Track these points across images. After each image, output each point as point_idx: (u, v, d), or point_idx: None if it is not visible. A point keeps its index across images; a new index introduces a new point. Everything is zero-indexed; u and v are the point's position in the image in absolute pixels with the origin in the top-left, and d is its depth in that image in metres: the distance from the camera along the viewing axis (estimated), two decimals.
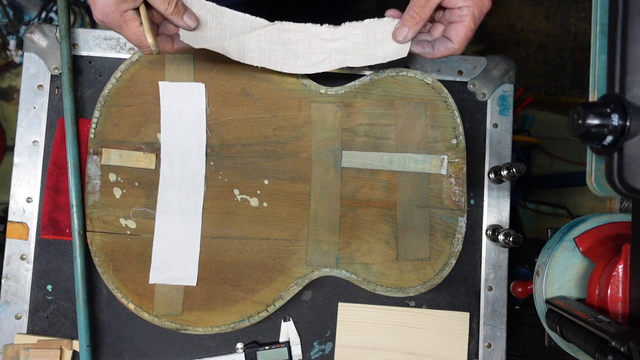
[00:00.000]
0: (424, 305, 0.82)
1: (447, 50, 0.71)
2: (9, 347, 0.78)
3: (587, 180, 0.52)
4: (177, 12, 0.68)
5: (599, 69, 0.51)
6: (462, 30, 0.69)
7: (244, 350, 0.80)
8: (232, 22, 0.73)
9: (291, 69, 0.77)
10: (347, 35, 0.75)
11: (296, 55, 0.77)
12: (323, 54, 0.76)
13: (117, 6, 0.65)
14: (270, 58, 0.76)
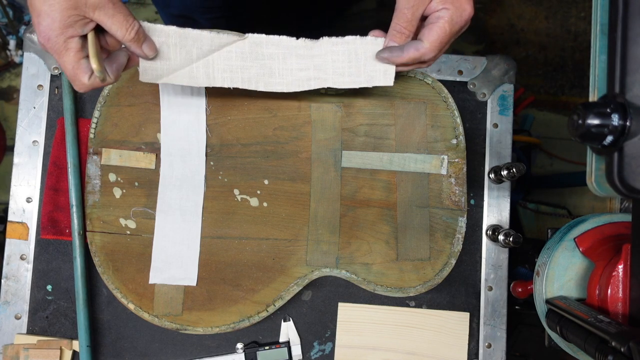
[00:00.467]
0: (424, 305, 0.82)
1: (417, 51, 0.63)
2: (8, 347, 0.78)
3: (587, 180, 0.52)
4: (137, 39, 0.62)
5: (599, 69, 0.51)
6: (436, 32, 0.62)
7: (244, 350, 0.80)
8: (198, 42, 0.67)
9: (267, 87, 0.71)
10: (326, 52, 0.69)
11: (271, 71, 0.70)
12: (301, 70, 0.70)
13: (63, 30, 0.58)
14: (243, 76, 0.70)
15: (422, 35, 0.63)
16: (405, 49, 0.64)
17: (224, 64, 0.69)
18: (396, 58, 0.65)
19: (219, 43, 0.68)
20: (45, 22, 0.57)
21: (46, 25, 0.57)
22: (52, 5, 0.57)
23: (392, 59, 0.66)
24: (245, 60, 0.70)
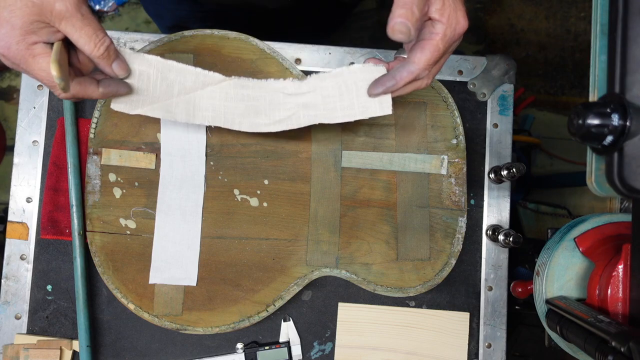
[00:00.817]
0: (424, 305, 0.82)
1: (411, 73, 0.59)
2: (8, 347, 0.78)
3: (587, 180, 0.52)
4: (107, 56, 0.57)
5: (599, 69, 0.51)
6: (429, 49, 0.57)
7: (244, 350, 0.80)
8: (181, 77, 0.64)
9: (252, 127, 0.67)
10: (314, 88, 0.65)
11: (257, 111, 0.67)
12: (289, 109, 0.66)
13: (24, 37, 0.53)
14: (227, 116, 0.67)
15: (414, 54, 0.58)
16: (397, 75, 0.60)
17: (207, 102, 0.66)
18: (392, 87, 0.61)
19: (203, 81, 0.65)
20: (4, 30, 0.52)
21: (5, 32, 0.53)
22: (13, 12, 0.52)
23: (387, 91, 0.62)
24: (229, 100, 0.67)
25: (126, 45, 0.83)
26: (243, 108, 0.67)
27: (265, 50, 0.80)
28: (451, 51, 0.60)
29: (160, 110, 0.65)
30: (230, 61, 0.80)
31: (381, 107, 0.63)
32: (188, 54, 0.80)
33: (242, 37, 0.80)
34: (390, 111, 0.63)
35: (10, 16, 0.52)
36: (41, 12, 0.53)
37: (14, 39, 0.53)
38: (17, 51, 0.54)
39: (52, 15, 0.53)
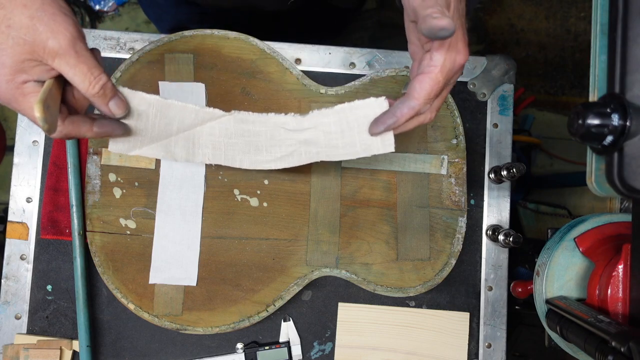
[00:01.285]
0: (424, 305, 0.82)
1: (411, 109, 0.56)
2: (8, 347, 0.78)
3: (587, 180, 0.52)
4: (103, 94, 0.54)
5: (599, 69, 0.51)
6: (428, 83, 0.55)
7: (244, 350, 0.80)
8: (180, 114, 0.62)
9: (253, 165, 0.67)
10: (316, 124, 0.63)
11: (257, 148, 0.66)
12: (290, 146, 0.65)
13: (14, 76, 0.51)
14: (227, 153, 0.66)
15: (413, 89, 0.56)
16: (398, 112, 0.57)
17: (207, 139, 0.65)
18: (393, 125, 0.58)
19: (203, 118, 0.64)
20: None
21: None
22: (3, 50, 0.49)
23: (389, 128, 0.59)
24: (229, 137, 0.65)
25: (126, 45, 0.83)
26: (243, 144, 0.66)
27: (265, 50, 0.80)
28: (453, 82, 0.58)
29: (159, 149, 0.63)
30: (230, 61, 0.80)
31: (383, 145, 0.61)
32: (188, 54, 0.80)
33: (242, 37, 0.80)
34: (393, 149, 0.61)
35: (0, 55, 0.50)
36: (33, 50, 0.50)
37: (3, 78, 0.50)
38: (7, 90, 0.51)
39: (45, 53, 0.51)
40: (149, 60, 0.79)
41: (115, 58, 0.83)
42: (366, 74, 0.82)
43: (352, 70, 0.84)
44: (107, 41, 0.83)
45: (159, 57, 0.79)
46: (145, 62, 0.79)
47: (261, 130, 0.65)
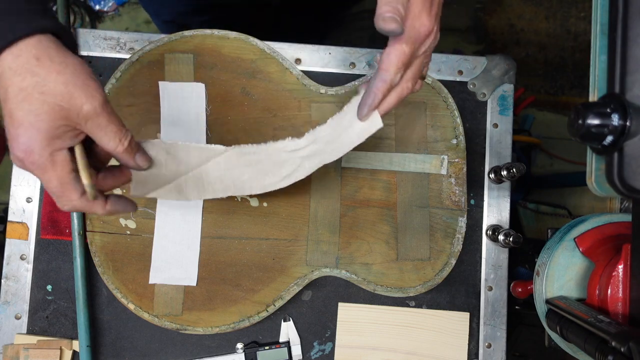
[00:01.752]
0: (424, 305, 0.82)
1: (382, 82, 0.57)
2: (8, 347, 0.78)
3: (587, 180, 0.52)
4: (130, 150, 0.55)
5: (599, 69, 0.51)
6: (394, 54, 0.56)
7: (244, 350, 0.80)
8: (185, 154, 0.64)
9: (263, 189, 0.68)
10: (314, 139, 0.66)
11: (264, 173, 0.67)
12: (292, 164, 0.67)
13: (49, 142, 0.50)
14: (236, 184, 0.67)
15: (382, 63, 0.57)
16: (373, 87, 0.58)
17: (214, 175, 0.66)
18: (374, 102, 0.59)
19: (207, 155, 0.65)
20: (28, 134, 0.49)
21: (29, 137, 0.50)
22: (39, 115, 0.49)
23: (372, 107, 0.60)
24: (235, 169, 0.67)
25: (126, 45, 0.83)
26: (250, 173, 0.67)
27: (265, 50, 0.80)
28: (425, 52, 0.59)
29: (172, 192, 0.65)
30: (230, 61, 0.80)
31: (373, 124, 0.63)
32: (188, 54, 0.80)
33: (242, 37, 0.80)
34: (381, 123, 0.62)
35: (36, 120, 0.49)
36: (68, 115, 0.50)
37: (38, 145, 0.50)
38: (39, 157, 0.51)
39: (80, 117, 0.51)
40: (149, 60, 0.79)
41: (115, 58, 0.83)
42: (366, 74, 0.82)
43: (352, 70, 0.84)
44: (107, 41, 0.83)
45: (159, 57, 0.79)
46: (145, 62, 0.79)
47: (263, 157, 0.67)
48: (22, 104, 0.49)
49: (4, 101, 0.50)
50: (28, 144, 0.50)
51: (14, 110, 0.49)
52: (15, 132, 0.50)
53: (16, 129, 0.50)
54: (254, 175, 0.67)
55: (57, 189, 0.53)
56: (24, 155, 0.50)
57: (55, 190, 0.53)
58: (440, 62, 0.85)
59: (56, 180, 0.52)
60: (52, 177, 0.52)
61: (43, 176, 0.52)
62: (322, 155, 0.66)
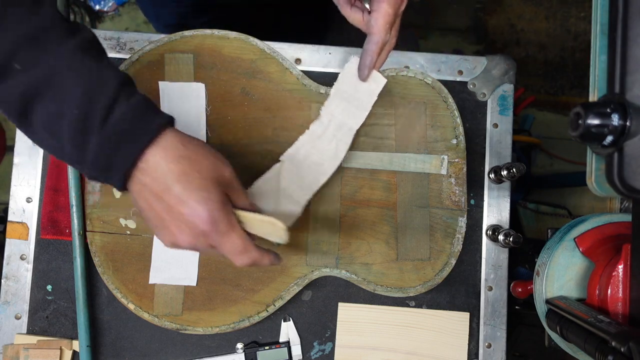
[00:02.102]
0: (424, 305, 0.82)
1: (376, 44, 0.68)
2: (8, 347, 0.78)
3: (587, 180, 0.52)
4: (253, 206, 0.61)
5: (599, 69, 0.51)
6: (381, 19, 0.66)
7: (244, 350, 0.80)
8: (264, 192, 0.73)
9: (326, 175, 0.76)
10: (331, 114, 0.76)
11: (317, 164, 0.75)
12: (332, 141, 0.76)
13: (224, 209, 0.55)
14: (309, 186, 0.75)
15: (371, 27, 0.67)
16: (369, 50, 0.69)
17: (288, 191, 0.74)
18: (372, 62, 0.71)
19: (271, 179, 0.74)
20: (208, 207, 0.54)
21: (210, 209, 0.54)
22: (208, 190, 0.54)
23: (371, 67, 0.71)
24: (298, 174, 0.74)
25: (126, 45, 0.83)
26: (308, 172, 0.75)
27: (265, 50, 0.80)
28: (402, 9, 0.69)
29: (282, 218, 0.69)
30: (230, 61, 0.80)
31: (377, 84, 0.74)
32: (188, 54, 0.80)
33: (242, 37, 0.80)
34: (384, 79, 0.74)
35: (208, 194, 0.54)
36: (221, 182, 0.56)
37: (219, 213, 0.54)
38: (224, 224, 0.55)
39: (224, 183, 0.57)
40: (149, 60, 0.79)
41: (115, 58, 0.83)
42: None
43: None
44: (107, 41, 0.83)
45: (159, 57, 0.79)
46: (145, 62, 0.79)
47: (306, 152, 0.76)
48: (189, 185, 0.54)
49: (166, 191, 0.53)
50: (212, 215, 0.54)
51: (184, 194, 0.53)
52: (193, 212, 0.53)
53: (193, 209, 0.53)
54: (312, 172, 0.75)
55: (240, 246, 0.57)
56: (210, 227, 0.54)
57: (239, 249, 0.57)
58: (440, 62, 0.85)
59: (239, 239, 0.56)
60: (235, 238, 0.56)
61: (228, 240, 0.56)
62: (347, 124, 0.76)
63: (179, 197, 0.53)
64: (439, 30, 1.76)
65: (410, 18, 1.74)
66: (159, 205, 0.54)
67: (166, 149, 0.53)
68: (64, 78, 0.50)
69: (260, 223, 0.60)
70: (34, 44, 0.50)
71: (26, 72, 0.50)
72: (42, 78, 0.50)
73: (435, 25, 1.76)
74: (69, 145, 0.52)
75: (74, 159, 0.53)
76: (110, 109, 0.51)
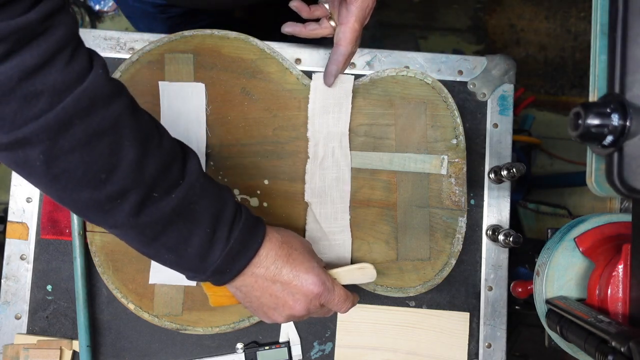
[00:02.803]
0: (424, 305, 0.82)
1: (343, 55, 0.74)
2: (8, 347, 0.78)
3: (587, 180, 0.52)
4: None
5: (599, 69, 0.51)
6: (349, 33, 0.72)
7: (244, 350, 0.80)
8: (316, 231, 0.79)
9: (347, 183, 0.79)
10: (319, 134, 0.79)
11: (335, 180, 0.79)
12: (333, 154, 0.79)
13: (323, 269, 0.66)
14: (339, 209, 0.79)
15: (339, 40, 0.73)
16: (335, 61, 0.75)
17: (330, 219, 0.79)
18: (338, 71, 0.77)
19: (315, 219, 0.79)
20: (313, 273, 0.64)
21: (316, 273, 0.64)
22: (308, 259, 0.65)
23: (337, 74, 0.77)
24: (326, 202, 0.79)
25: (126, 45, 0.83)
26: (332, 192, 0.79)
27: (265, 50, 0.80)
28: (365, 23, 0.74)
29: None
30: (230, 61, 0.80)
31: (346, 83, 0.80)
32: (188, 54, 0.80)
33: (242, 37, 0.80)
34: (351, 76, 0.79)
35: (312, 266, 0.65)
36: None
37: (322, 275, 0.65)
38: (328, 281, 0.66)
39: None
40: (149, 60, 0.79)
41: (115, 58, 0.83)
42: (366, 74, 0.82)
43: (352, 70, 0.84)
44: (107, 41, 0.83)
45: (159, 57, 0.79)
46: (145, 62, 0.79)
47: (322, 173, 0.79)
48: (295, 263, 0.64)
49: (278, 274, 0.63)
50: (320, 279, 0.64)
51: (293, 271, 0.63)
52: (306, 281, 0.63)
53: (306, 279, 0.63)
54: (335, 184, 0.79)
55: (344, 295, 0.67)
56: (321, 288, 0.64)
57: (342, 299, 0.67)
58: (440, 62, 0.85)
59: (342, 290, 0.67)
60: (339, 290, 0.66)
61: (336, 294, 0.66)
62: (337, 131, 0.79)
63: (291, 274, 0.63)
64: (439, 30, 1.76)
65: (410, 18, 1.74)
66: (274, 288, 0.63)
67: (270, 241, 0.63)
68: (196, 205, 0.57)
69: (350, 273, 0.71)
70: (166, 175, 0.55)
71: (163, 201, 0.55)
72: (179, 205, 0.55)
73: (435, 25, 1.76)
74: (191, 258, 0.59)
75: (192, 269, 0.60)
76: (233, 224, 0.60)
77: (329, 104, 0.79)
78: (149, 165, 0.53)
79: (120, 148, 0.51)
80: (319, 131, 0.79)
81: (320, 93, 0.79)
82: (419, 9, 1.76)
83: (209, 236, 0.58)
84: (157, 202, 0.54)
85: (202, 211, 0.57)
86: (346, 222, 0.79)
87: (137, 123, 0.53)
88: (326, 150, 0.79)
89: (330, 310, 0.68)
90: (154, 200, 0.54)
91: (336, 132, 0.79)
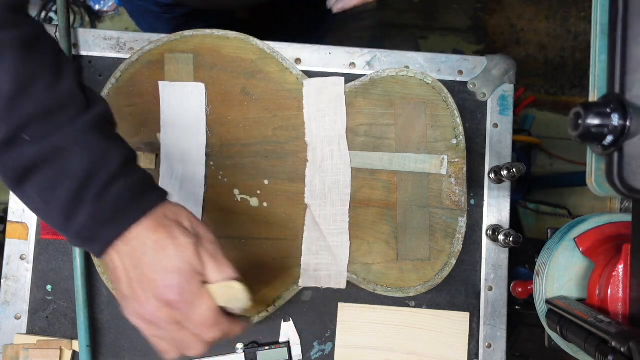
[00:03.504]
0: (424, 305, 0.82)
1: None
2: (8, 347, 0.78)
3: (587, 180, 0.52)
4: None
5: (599, 69, 0.51)
6: None
7: (244, 350, 0.80)
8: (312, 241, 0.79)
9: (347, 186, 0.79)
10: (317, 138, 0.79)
11: (335, 183, 0.79)
12: (332, 157, 0.79)
13: (193, 276, 0.54)
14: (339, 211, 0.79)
15: None
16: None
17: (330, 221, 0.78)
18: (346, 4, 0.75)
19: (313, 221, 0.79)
20: (173, 275, 0.53)
21: (179, 275, 0.53)
22: (180, 257, 0.54)
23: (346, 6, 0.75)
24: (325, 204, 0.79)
25: (126, 45, 0.83)
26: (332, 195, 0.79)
27: (265, 50, 0.80)
28: None
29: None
30: (230, 61, 0.80)
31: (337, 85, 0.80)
32: (188, 53, 0.80)
33: (242, 37, 0.80)
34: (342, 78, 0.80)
35: (177, 260, 0.53)
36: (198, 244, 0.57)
37: (186, 280, 0.53)
38: (189, 291, 0.53)
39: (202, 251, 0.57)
40: (149, 60, 0.79)
41: (115, 58, 0.83)
42: (366, 74, 0.82)
43: (352, 70, 0.84)
44: (107, 41, 0.83)
45: (159, 57, 0.79)
46: (145, 62, 0.79)
47: (321, 177, 0.79)
48: (162, 253, 0.53)
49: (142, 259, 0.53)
50: (179, 281, 0.53)
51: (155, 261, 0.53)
52: (162, 279, 0.53)
53: (163, 276, 0.53)
54: (334, 187, 0.78)
55: (211, 318, 0.54)
56: (177, 296, 0.53)
57: (208, 320, 0.54)
58: (440, 62, 0.85)
59: (209, 310, 0.54)
60: (205, 308, 0.54)
61: (197, 310, 0.54)
62: (335, 134, 0.79)
63: (151, 265, 0.53)
64: (439, 30, 1.76)
65: (410, 18, 1.74)
66: (133, 273, 0.53)
67: (149, 219, 0.54)
68: (70, 155, 0.51)
69: (219, 290, 0.55)
70: (47, 119, 0.51)
71: (34, 145, 0.50)
72: (48, 152, 0.51)
73: (435, 25, 1.76)
74: (56, 212, 0.52)
75: (57, 225, 0.54)
76: (108, 186, 0.52)
77: (324, 108, 0.79)
78: (25, 104, 0.49)
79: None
80: (316, 135, 0.79)
81: (313, 97, 0.79)
82: (419, 9, 1.76)
83: (76, 190, 0.51)
84: (24, 144, 0.50)
85: (76, 162, 0.51)
86: (345, 225, 0.78)
87: (24, 59, 0.50)
88: (325, 154, 0.79)
89: (192, 336, 0.54)
90: (22, 142, 0.50)
91: (334, 136, 0.79)
